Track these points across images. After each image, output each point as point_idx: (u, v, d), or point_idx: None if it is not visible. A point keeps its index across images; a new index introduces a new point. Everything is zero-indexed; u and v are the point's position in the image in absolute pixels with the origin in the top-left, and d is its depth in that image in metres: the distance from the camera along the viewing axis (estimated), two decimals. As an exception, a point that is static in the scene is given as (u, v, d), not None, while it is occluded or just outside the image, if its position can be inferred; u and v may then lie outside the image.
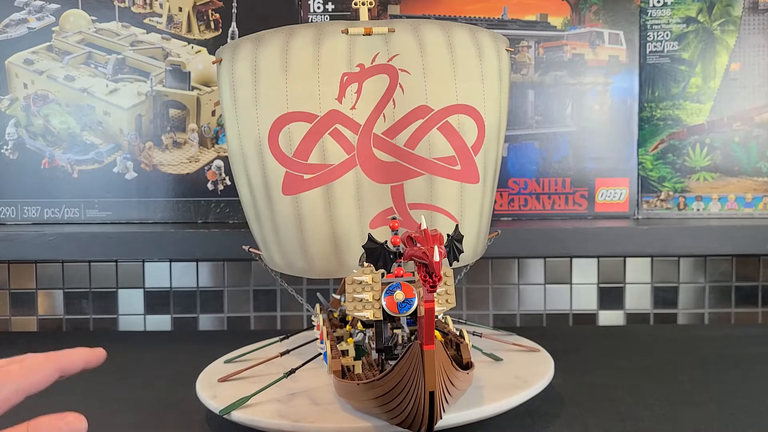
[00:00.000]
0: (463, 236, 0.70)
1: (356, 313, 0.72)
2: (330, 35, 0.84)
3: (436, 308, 0.71)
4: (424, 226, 0.62)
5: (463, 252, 0.71)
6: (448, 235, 0.67)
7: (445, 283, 0.73)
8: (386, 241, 0.71)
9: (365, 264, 0.73)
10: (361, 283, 0.73)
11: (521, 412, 0.84)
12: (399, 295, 0.72)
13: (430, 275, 0.60)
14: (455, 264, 0.73)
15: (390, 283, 0.73)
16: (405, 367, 0.63)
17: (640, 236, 1.15)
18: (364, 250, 0.72)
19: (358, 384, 0.69)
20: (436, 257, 0.59)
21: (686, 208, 1.24)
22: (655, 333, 1.24)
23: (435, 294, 0.70)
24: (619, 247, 1.16)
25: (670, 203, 1.24)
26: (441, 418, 0.67)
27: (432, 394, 0.63)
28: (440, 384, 0.63)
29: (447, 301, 0.73)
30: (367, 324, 0.79)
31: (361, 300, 0.72)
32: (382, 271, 0.73)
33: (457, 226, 0.72)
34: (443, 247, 0.62)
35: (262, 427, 0.77)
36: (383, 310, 0.72)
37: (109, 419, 0.88)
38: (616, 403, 0.88)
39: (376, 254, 0.71)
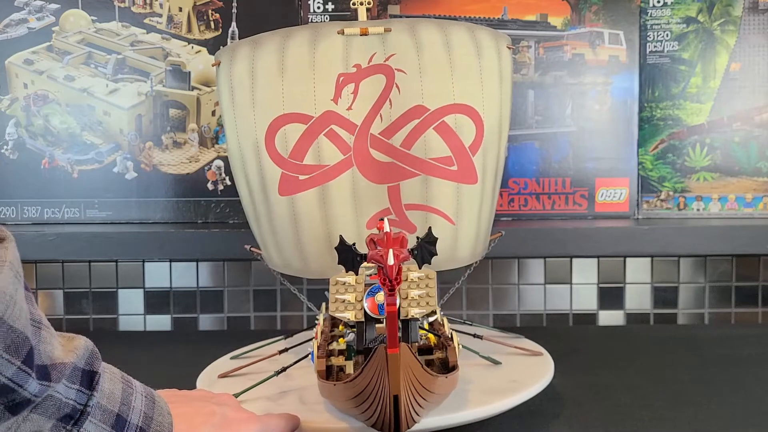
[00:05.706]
0: (436, 239, 0.67)
1: (338, 314, 0.72)
2: (326, 36, 0.84)
3: (416, 311, 0.70)
4: (386, 229, 0.62)
5: (436, 255, 0.67)
6: (418, 238, 0.67)
7: (427, 285, 0.72)
8: (354, 244, 0.69)
9: None
10: (344, 284, 0.73)
11: (522, 412, 0.84)
12: (381, 297, 0.71)
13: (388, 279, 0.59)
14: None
15: (373, 284, 0.72)
16: (371, 369, 0.62)
17: (640, 236, 1.15)
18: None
19: (334, 384, 0.69)
20: (390, 260, 0.58)
21: (686, 208, 1.24)
22: (655, 333, 1.24)
23: (414, 297, 0.70)
24: (619, 247, 1.16)
25: (670, 203, 1.24)
26: (415, 422, 0.67)
27: (396, 398, 0.62)
28: (407, 388, 0.62)
29: (428, 303, 0.71)
30: (351, 325, 0.79)
31: (343, 301, 0.72)
32: (366, 272, 0.73)
33: (429, 228, 0.69)
34: (405, 250, 0.61)
35: None
36: (365, 311, 0.72)
37: (109, 419, 0.87)
38: (616, 403, 0.88)
39: (345, 256, 0.69)
